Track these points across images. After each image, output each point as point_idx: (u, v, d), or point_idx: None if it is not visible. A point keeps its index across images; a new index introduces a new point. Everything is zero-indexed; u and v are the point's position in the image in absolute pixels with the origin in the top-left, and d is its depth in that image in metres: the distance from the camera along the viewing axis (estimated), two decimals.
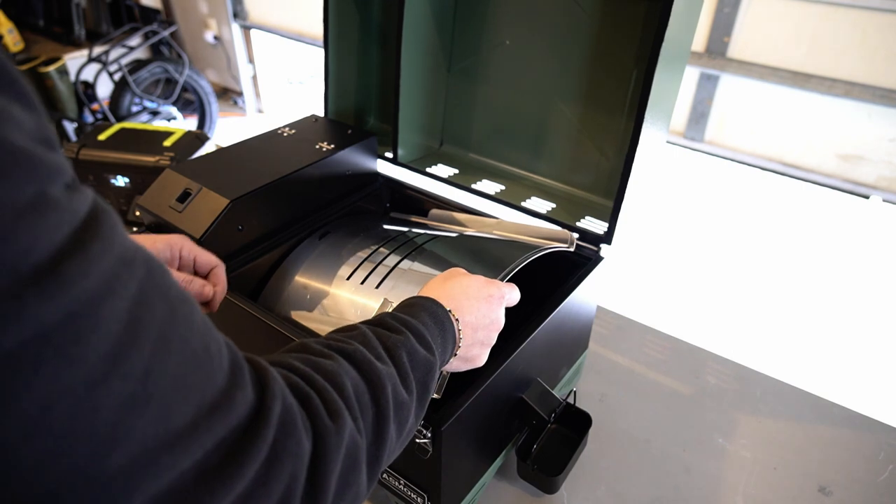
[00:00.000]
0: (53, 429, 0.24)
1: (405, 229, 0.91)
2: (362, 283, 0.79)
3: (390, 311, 0.53)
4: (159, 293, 0.28)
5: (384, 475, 0.73)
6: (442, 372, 0.58)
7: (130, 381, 0.26)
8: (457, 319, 0.55)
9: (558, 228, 0.89)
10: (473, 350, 0.58)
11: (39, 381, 0.23)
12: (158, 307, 0.28)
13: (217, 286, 0.68)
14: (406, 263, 0.80)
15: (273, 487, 0.32)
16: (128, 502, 0.26)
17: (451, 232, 0.91)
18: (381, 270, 0.80)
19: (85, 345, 0.24)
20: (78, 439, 0.25)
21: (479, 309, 0.58)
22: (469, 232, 0.92)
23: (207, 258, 0.68)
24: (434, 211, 1.01)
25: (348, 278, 0.81)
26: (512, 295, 0.62)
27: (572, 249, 0.86)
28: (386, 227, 0.93)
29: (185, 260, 0.67)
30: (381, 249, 0.84)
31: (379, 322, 0.50)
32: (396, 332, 0.49)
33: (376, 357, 0.45)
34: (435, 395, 0.51)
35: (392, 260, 0.81)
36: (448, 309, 0.55)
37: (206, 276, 0.68)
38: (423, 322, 0.51)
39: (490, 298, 0.59)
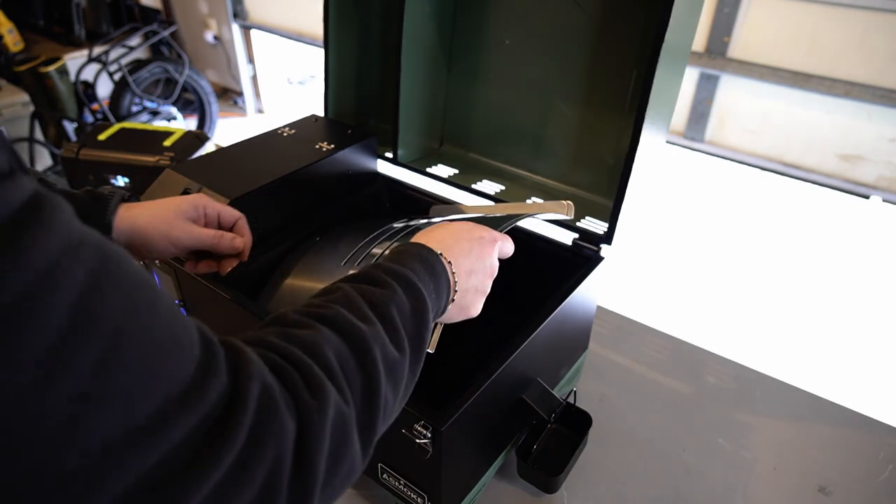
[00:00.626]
0: (1, 430, 0.23)
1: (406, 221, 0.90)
2: (358, 264, 0.79)
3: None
4: (115, 281, 0.27)
5: (384, 475, 0.73)
6: (436, 324, 0.55)
7: (82, 378, 0.24)
8: (449, 262, 0.52)
9: (554, 201, 0.86)
10: (468, 297, 0.55)
11: None
12: (114, 296, 0.26)
13: (245, 237, 0.71)
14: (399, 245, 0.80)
15: (256, 471, 0.31)
16: (93, 501, 0.25)
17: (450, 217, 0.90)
18: (376, 253, 0.80)
19: (25, 341, 0.23)
20: (28, 440, 0.23)
21: (472, 251, 0.55)
22: (467, 215, 0.90)
23: (230, 212, 0.71)
24: (435, 207, 1.01)
25: (343, 264, 0.81)
26: (505, 244, 0.60)
27: (571, 217, 0.83)
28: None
29: (211, 217, 0.70)
30: (377, 243, 0.83)
31: (364, 277, 0.47)
32: (383, 286, 0.46)
33: (360, 318, 0.42)
34: (429, 350, 0.49)
35: (385, 245, 0.81)
36: (438, 252, 0.52)
37: (230, 229, 0.72)
38: (412, 269, 0.48)
39: (482, 240, 0.57)
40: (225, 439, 0.30)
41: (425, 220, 0.89)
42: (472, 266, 0.55)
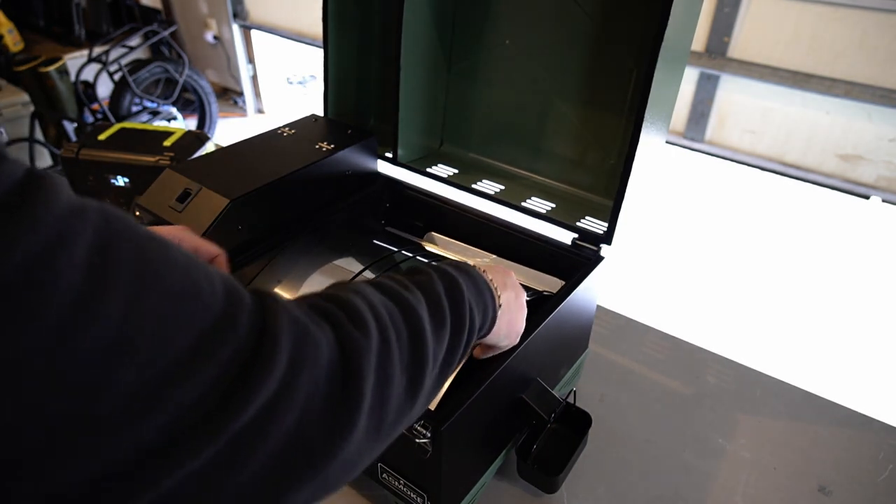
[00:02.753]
0: (30, 381, 0.24)
1: (395, 250, 0.89)
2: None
3: None
4: (122, 237, 0.28)
5: (384, 475, 0.73)
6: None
7: (110, 326, 0.26)
8: (491, 279, 0.56)
9: (550, 277, 0.90)
10: (513, 307, 0.59)
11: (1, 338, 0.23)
12: (124, 249, 0.28)
13: None
14: None
15: (296, 395, 0.33)
16: (140, 432, 0.27)
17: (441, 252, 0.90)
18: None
19: (45, 298, 0.24)
20: (61, 388, 0.25)
21: (507, 284, 0.59)
22: (455, 257, 0.90)
23: (208, 249, 0.67)
24: (431, 234, 1.02)
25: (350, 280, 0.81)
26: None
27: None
28: (376, 241, 0.92)
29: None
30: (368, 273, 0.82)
31: (405, 271, 0.51)
32: (421, 274, 0.50)
33: (403, 287, 0.46)
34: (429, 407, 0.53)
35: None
36: (489, 278, 0.55)
37: None
38: (445, 266, 0.52)
39: (517, 286, 0.62)
40: (264, 366, 0.31)
41: (415, 249, 0.88)
42: (512, 289, 0.59)
